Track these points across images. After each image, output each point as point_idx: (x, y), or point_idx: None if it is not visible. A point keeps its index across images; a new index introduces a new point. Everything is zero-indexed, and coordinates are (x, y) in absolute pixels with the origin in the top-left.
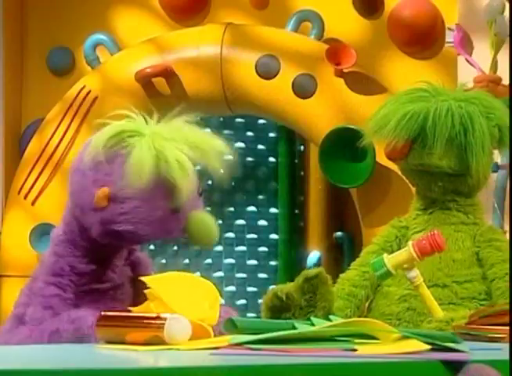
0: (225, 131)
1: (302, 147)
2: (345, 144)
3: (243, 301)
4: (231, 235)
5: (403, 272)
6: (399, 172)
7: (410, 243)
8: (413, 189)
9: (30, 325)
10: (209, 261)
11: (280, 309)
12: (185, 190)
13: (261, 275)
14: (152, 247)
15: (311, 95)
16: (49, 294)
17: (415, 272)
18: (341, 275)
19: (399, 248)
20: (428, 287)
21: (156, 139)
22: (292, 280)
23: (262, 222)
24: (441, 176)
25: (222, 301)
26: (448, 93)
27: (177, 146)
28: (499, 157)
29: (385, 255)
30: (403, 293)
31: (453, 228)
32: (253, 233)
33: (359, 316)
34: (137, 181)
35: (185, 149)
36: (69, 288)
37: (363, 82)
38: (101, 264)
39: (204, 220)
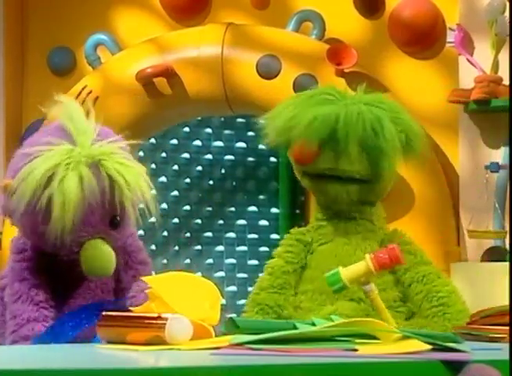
0: (226, 131)
1: None
2: None
3: (244, 301)
4: (232, 235)
5: (359, 286)
6: (400, 172)
7: (368, 256)
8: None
9: (10, 303)
10: (210, 261)
11: None
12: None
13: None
14: (153, 247)
15: None
16: (19, 268)
17: (371, 286)
18: (255, 298)
19: (305, 264)
20: (343, 301)
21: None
22: None
23: (263, 222)
24: (350, 182)
25: (223, 301)
26: (354, 96)
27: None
28: (500, 157)
29: (340, 268)
30: (316, 309)
31: (360, 237)
32: (254, 233)
33: None
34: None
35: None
36: (36, 258)
37: (364, 82)
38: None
39: (94, 251)
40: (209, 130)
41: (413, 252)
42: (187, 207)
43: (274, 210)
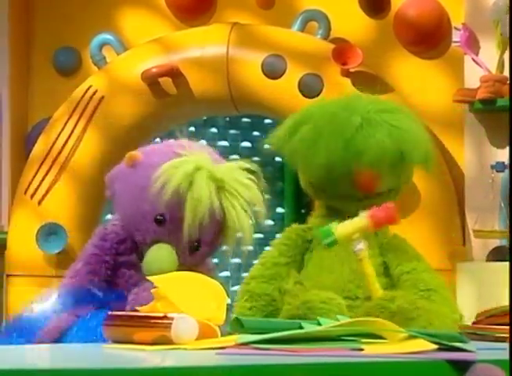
0: (232, 131)
1: None
2: None
3: None
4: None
5: (350, 243)
6: None
7: (364, 213)
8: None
9: (68, 277)
10: (215, 260)
11: None
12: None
13: None
14: None
15: (318, 95)
16: (90, 253)
17: (362, 245)
18: (245, 287)
19: (302, 260)
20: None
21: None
22: None
23: (268, 222)
24: (373, 197)
25: (229, 301)
26: (358, 106)
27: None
28: (506, 157)
29: (334, 223)
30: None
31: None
32: (259, 232)
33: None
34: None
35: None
36: (109, 252)
37: (369, 82)
38: None
39: (154, 252)
40: (214, 130)
41: (408, 251)
42: None
43: (279, 210)
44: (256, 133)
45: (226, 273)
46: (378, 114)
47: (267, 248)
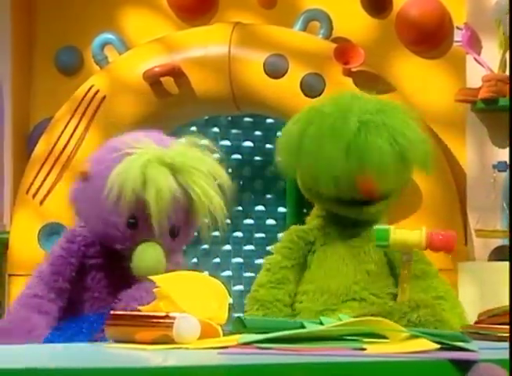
0: (233, 131)
1: None
2: None
3: None
4: (239, 234)
5: (400, 252)
6: None
7: (425, 229)
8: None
9: (33, 276)
10: (217, 260)
11: None
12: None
13: None
14: None
15: (320, 95)
16: (57, 255)
17: (411, 257)
18: (254, 295)
19: (305, 262)
20: (345, 301)
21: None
22: None
23: (270, 221)
24: (376, 201)
25: (231, 301)
26: (354, 107)
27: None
28: (507, 157)
29: (392, 228)
30: (318, 309)
31: (366, 240)
32: (261, 232)
33: None
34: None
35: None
36: (75, 255)
37: (371, 81)
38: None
39: (142, 252)
40: (216, 129)
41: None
42: None
43: (281, 209)
44: (258, 133)
45: (228, 273)
46: (376, 116)
47: (268, 248)
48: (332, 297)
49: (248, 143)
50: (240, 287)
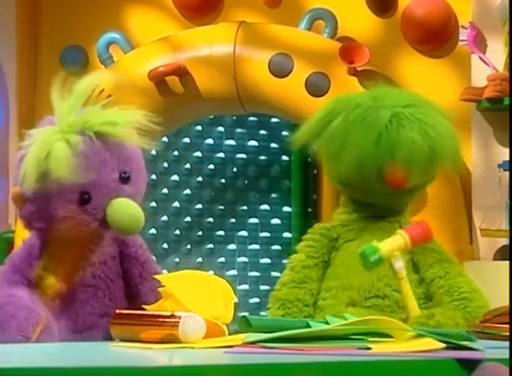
0: (238, 130)
1: None
2: None
3: (256, 300)
4: (244, 233)
5: (390, 262)
6: None
7: (402, 231)
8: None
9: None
10: (222, 259)
11: None
12: (80, 180)
13: (275, 273)
14: (165, 245)
15: (325, 94)
16: (18, 254)
17: (402, 263)
18: (276, 294)
19: (329, 259)
20: (369, 298)
21: (52, 133)
22: None
23: (275, 221)
24: (403, 193)
25: (236, 300)
26: (386, 100)
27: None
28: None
29: (375, 242)
30: (341, 306)
31: (387, 236)
32: (266, 231)
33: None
34: (30, 180)
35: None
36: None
37: (376, 80)
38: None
39: (122, 208)
40: (221, 128)
41: (437, 251)
42: (199, 206)
43: (286, 208)
44: (263, 132)
45: (233, 272)
46: (407, 109)
47: (273, 247)
48: (355, 293)
49: (253, 142)
50: (245, 287)
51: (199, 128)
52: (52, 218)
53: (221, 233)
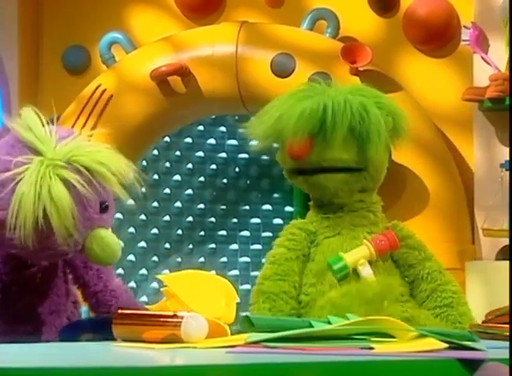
0: (241, 130)
1: None
2: None
3: None
4: (246, 233)
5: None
6: (414, 171)
7: (367, 241)
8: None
9: None
10: (224, 259)
11: None
12: (66, 226)
13: None
14: (167, 245)
15: None
16: None
17: (369, 269)
18: (259, 288)
19: (309, 254)
20: None
21: (44, 168)
22: None
23: (277, 221)
24: (345, 172)
25: (238, 300)
26: (337, 87)
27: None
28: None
29: (341, 254)
30: (323, 302)
31: (366, 230)
32: (268, 231)
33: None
34: (22, 216)
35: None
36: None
37: (379, 80)
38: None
39: (103, 241)
40: (223, 128)
41: (416, 247)
42: (201, 206)
43: (288, 208)
44: None
45: (235, 272)
46: (340, 96)
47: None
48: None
49: (255, 142)
50: (248, 287)
51: (201, 127)
52: (32, 247)
53: (224, 232)
